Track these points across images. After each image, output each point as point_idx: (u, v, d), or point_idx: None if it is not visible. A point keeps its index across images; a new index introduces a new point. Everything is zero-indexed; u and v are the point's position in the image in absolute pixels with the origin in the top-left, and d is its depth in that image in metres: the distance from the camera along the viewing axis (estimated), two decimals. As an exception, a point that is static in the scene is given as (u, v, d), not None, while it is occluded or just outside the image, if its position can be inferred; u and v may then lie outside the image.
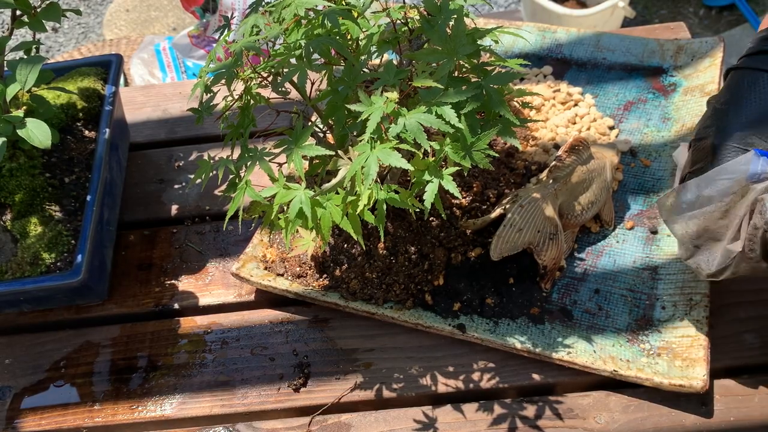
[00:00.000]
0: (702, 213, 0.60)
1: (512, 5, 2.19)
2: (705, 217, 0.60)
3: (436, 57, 0.57)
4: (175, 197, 0.89)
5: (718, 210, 0.59)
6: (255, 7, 0.63)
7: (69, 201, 0.77)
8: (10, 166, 0.76)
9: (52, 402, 0.73)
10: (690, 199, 0.61)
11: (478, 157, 0.56)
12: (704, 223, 0.60)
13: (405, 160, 0.53)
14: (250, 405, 0.71)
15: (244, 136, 0.63)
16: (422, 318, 0.71)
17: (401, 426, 0.68)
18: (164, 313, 0.79)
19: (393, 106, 0.54)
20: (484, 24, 0.96)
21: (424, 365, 0.71)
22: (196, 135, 0.95)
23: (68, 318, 0.80)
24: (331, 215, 0.57)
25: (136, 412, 0.72)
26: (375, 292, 0.72)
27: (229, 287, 0.80)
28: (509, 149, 0.82)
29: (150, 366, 0.75)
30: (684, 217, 0.61)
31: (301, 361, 0.73)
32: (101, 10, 2.30)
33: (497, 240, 0.69)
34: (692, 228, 0.62)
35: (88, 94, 0.83)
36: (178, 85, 1.02)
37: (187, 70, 1.69)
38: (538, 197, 0.70)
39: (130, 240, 0.85)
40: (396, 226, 0.73)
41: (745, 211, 0.57)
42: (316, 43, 0.57)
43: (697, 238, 0.61)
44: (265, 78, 0.63)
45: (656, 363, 0.66)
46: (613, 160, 0.78)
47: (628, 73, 0.91)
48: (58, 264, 0.72)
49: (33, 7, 0.73)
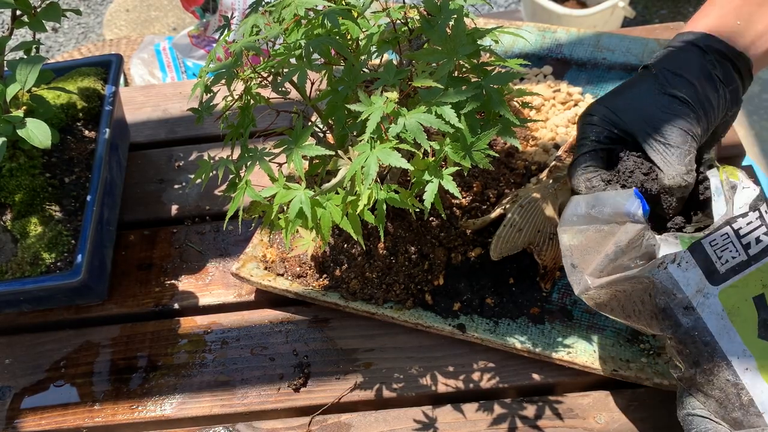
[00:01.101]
0: (587, 229, 0.59)
1: (512, 5, 2.19)
2: (587, 236, 0.59)
3: (436, 57, 0.57)
4: (175, 197, 0.89)
5: (598, 234, 0.58)
6: (255, 7, 0.63)
7: (69, 201, 0.77)
8: (10, 166, 0.76)
9: (52, 402, 0.73)
10: (580, 214, 0.60)
11: (478, 157, 0.56)
12: (587, 242, 0.59)
13: (405, 160, 0.53)
14: (250, 405, 0.71)
15: (244, 136, 0.63)
16: (422, 318, 0.71)
17: (401, 426, 0.68)
18: (164, 313, 0.79)
19: (393, 106, 0.54)
20: (484, 24, 0.96)
21: (424, 365, 0.71)
22: (196, 135, 0.95)
23: (68, 318, 0.80)
24: (331, 215, 0.57)
25: (136, 412, 0.72)
26: (375, 292, 0.72)
27: (229, 287, 0.80)
28: (509, 149, 0.82)
29: (150, 366, 0.75)
30: (573, 230, 0.59)
31: (301, 361, 0.73)
32: (101, 10, 2.31)
33: (497, 240, 0.69)
34: (576, 242, 0.60)
35: (88, 94, 0.83)
36: (178, 85, 1.02)
37: (187, 70, 1.69)
38: (538, 197, 0.70)
39: (130, 240, 0.85)
40: (396, 226, 0.73)
41: (612, 249, 0.56)
42: (316, 43, 0.57)
43: (578, 254, 0.59)
44: (265, 78, 0.63)
45: (656, 363, 0.67)
46: (613, 160, 0.78)
47: (628, 73, 0.91)
48: (58, 264, 0.72)
49: (33, 7, 0.73)
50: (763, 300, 0.52)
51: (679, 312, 0.54)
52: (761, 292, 0.52)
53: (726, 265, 0.53)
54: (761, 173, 1.52)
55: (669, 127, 0.57)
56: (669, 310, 0.54)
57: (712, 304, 0.53)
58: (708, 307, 0.53)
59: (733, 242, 0.53)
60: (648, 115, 0.58)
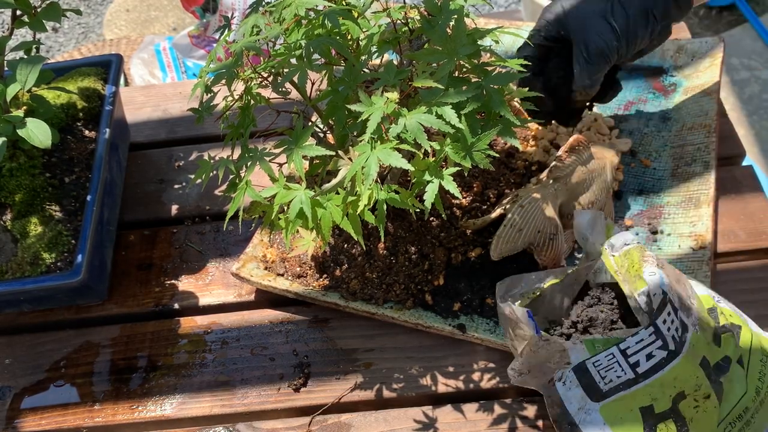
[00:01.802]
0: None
1: (512, 5, 2.19)
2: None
3: (437, 57, 0.57)
4: (175, 197, 0.89)
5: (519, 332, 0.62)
6: (255, 7, 0.63)
7: (69, 201, 0.77)
8: (10, 166, 0.76)
9: (52, 402, 0.73)
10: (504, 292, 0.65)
11: (478, 157, 0.56)
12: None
13: (405, 161, 0.54)
14: (250, 405, 0.71)
15: (245, 136, 0.63)
16: (422, 318, 0.71)
17: (401, 426, 0.68)
18: (164, 313, 0.79)
19: (393, 106, 0.54)
20: (485, 24, 0.96)
21: (424, 365, 0.71)
22: (196, 135, 0.95)
23: (68, 318, 0.80)
24: (331, 215, 0.57)
25: (136, 412, 0.72)
26: (375, 292, 0.72)
27: (229, 287, 0.80)
28: (509, 149, 0.82)
29: (150, 366, 0.75)
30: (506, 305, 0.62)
31: (301, 361, 0.73)
32: (101, 10, 2.30)
33: (497, 240, 0.69)
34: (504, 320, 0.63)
35: (88, 94, 0.83)
36: (178, 85, 1.02)
37: (187, 70, 1.69)
38: (538, 197, 0.70)
39: (130, 240, 0.85)
40: (396, 226, 0.73)
41: (522, 347, 0.59)
42: (317, 43, 0.57)
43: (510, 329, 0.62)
44: (265, 78, 0.63)
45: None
46: (613, 160, 0.78)
47: (628, 73, 0.91)
48: (58, 264, 0.72)
49: (33, 7, 0.73)
50: (650, 409, 0.53)
51: (565, 427, 0.56)
52: (650, 403, 0.53)
53: (610, 384, 0.54)
54: (761, 173, 1.52)
55: (594, 47, 0.70)
56: (558, 423, 0.57)
57: (594, 419, 0.55)
58: (590, 423, 0.55)
59: (619, 362, 0.54)
60: (585, 30, 0.70)
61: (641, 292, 0.56)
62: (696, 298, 0.58)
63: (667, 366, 0.53)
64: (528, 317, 0.57)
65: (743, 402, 0.54)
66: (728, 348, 0.56)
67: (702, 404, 0.53)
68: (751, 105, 1.77)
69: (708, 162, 0.79)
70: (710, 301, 0.60)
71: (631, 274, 0.58)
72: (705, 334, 0.55)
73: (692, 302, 0.57)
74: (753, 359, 0.56)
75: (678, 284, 0.58)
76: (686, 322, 0.55)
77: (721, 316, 0.58)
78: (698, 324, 0.56)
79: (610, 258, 0.61)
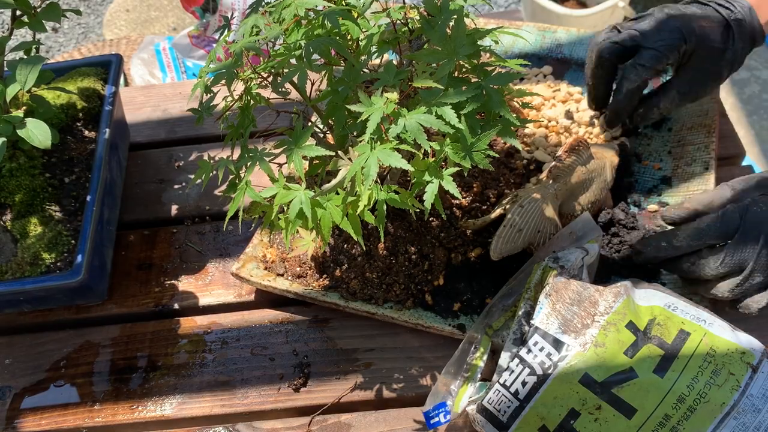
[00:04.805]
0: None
1: (512, 5, 2.19)
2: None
3: (436, 57, 0.57)
4: (175, 197, 0.89)
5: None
6: (255, 7, 0.63)
7: (69, 201, 0.77)
8: (10, 166, 0.76)
9: (52, 402, 0.74)
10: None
11: (478, 157, 0.56)
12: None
13: (405, 161, 0.54)
14: (250, 405, 0.71)
15: (244, 137, 0.63)
16: (422, 318, 0.71)
17: (401, 426, 0.68)
18: (164, 313, 0.79)
19: (393, 106, 0.54)
20: (484, 24, 0.96)
21: (424, 365, 0.71)
22: (196, 135, 0.95)
23: (68, 318, 0.80)
24: (331, 216, 0.57)
25: (136, 412, 0.72)
26: (375, 292, 0.72)
27: (229, 287, 0.80)
28: (509, 149, 0.82)
29: (150, 366, 0.75)
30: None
31: (301, 361, 0.73)
32: (101, 10, 2.31)
33: (497, 240, 0.69)
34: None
35: (88, 94, 0.83)
36: (178, 85, 1.02)
37: (187, 70, 1.69)
38: (538, 197, 0.70)
39: (130, 240, 0.85)
40: (396, 226, 0.73)
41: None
42: (316, 44, 0.57)
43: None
44: (265, 78, 0.63)
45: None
46: (613, 160, 0.78)
47: (628, 73, 0.90)
48: (58, 264, 0.72)
49: (33, 7, 0.73)
50: (545, 429, 0.57)
51: None
52: (542, 423, 0.57)
53: (506, 415, 0.58)
54: (761, 173, 1.52)
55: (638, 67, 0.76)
56: None
57: None
58: None
59: (504, 395, 0.59)
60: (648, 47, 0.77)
61: (520, 316, 0.62)
62: (605, 316, 0.58)
63: (541, 388, 0.57)
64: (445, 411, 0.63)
65: (661, 409, 0.55)
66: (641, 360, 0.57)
67: (598, 414, 0.56)
68: (751, 105, 1.77)
69: (708, 162, 0.79)
70: (654, 312, 0.59)
71: (535, 293, 0.63)
72: (599, 350, 0.57)
73: (593, 321, 0.59)
74: (690, 365, 0.56)
75: (574, 306, 0.59)
76: (569, 343, 0.58)
77: (657, 327, 0.58)
78: (594, 341, 0.57)
79: (539, 271, 0.64)
